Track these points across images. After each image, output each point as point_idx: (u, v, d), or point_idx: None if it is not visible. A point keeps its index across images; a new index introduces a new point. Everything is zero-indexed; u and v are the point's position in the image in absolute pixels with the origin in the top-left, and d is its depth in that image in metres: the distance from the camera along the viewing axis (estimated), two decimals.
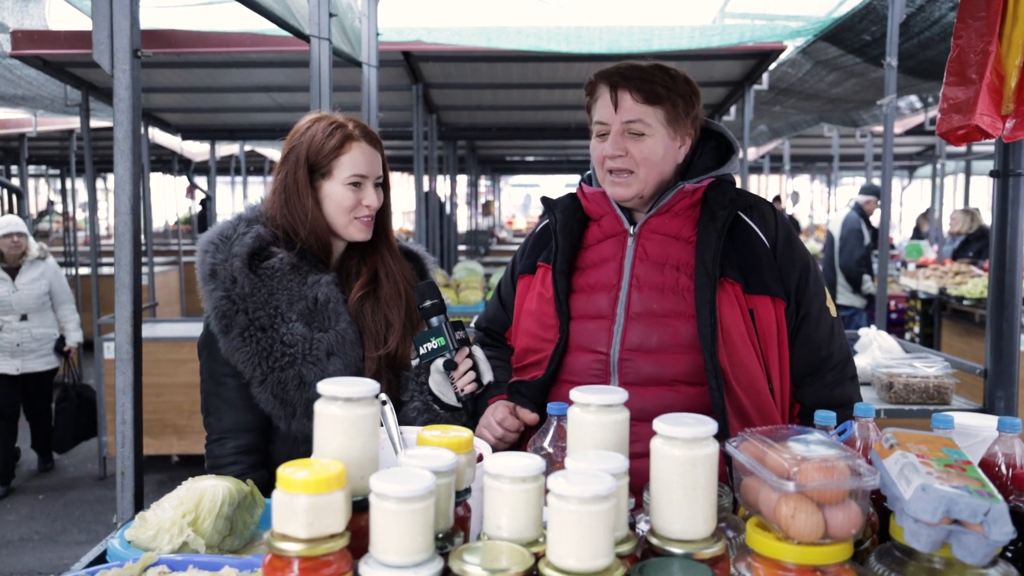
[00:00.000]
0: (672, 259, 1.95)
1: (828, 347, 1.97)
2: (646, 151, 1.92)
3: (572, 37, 5.78)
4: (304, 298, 2.01)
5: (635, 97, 1.91)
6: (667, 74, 1.94)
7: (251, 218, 2.06)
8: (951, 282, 7.73)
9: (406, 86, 7.04)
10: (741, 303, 1.90)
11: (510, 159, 17.89)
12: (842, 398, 1.96)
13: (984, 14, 2.20)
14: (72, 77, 6.54)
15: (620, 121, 1.92)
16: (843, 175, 20.42)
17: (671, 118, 1.93)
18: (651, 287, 1.94)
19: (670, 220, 1.97)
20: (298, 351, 1.97)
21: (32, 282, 6.33)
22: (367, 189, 2.05)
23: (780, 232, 1.98)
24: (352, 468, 1.16)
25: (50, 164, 17.95)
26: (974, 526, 1.08)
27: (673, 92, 1.92)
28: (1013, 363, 3.29)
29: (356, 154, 2.03)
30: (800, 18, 5.77)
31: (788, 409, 1.99)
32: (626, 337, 1.93)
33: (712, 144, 2.06)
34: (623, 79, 1.92)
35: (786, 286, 1.93)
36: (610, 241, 2.02)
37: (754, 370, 1.89)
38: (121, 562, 1.43)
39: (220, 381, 2.03)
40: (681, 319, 1.91)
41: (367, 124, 2.10)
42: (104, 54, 2.01)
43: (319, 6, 3.49)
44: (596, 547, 1.03)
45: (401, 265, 2.18)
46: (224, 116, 8.94)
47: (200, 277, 2.01)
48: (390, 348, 2.08)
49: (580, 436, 1.30)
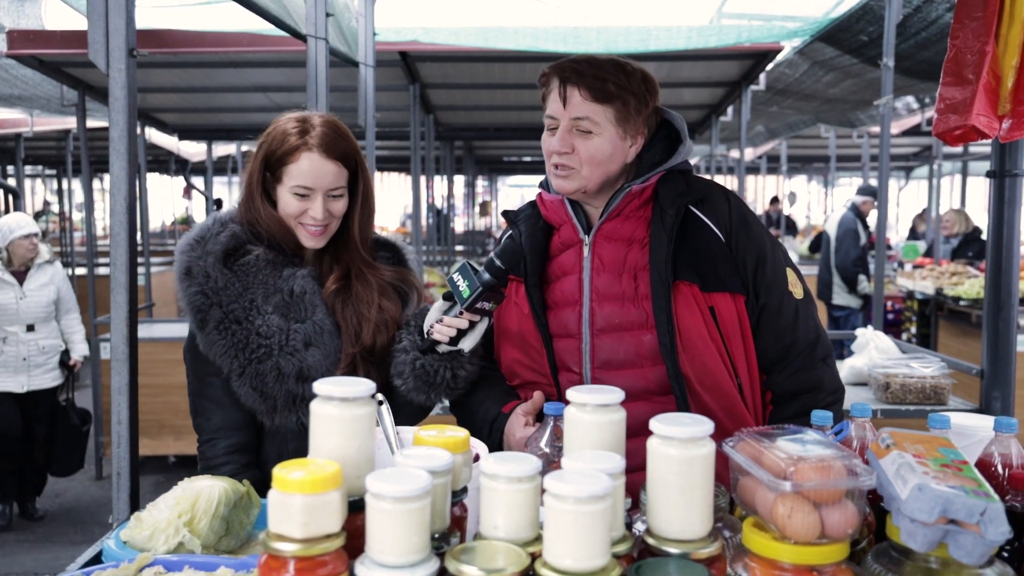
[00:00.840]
0: (629, 264, 1.93)
1: (793, 333, 1.93)
2: (592, 150, 1.88)
3: (569, 37, 5.78)
4: (280, 291, 2.00)
5: (584, 94, 1.86)
6: (622, 71, 1.89)
7: (226, 219, 2.06)
8: (947, 283, 7.74)
9: (403, 86, 7.03)
10: (700, 303, 1.88)
11: (507, 159, 17.88)
12: (812, 382, 1.94)
13: (981, 15, 2.20)
14: (68, 77, 6.53)
15: (569, 117, 1.88)
16: (840, 176, 20.43)
17: (621, 117, 1.89)
18: (611, 299, 1.92)
19: (622, 224, 1.95)
20: (274, 342, 1.97)
21: (40, 288, 5.64)
22: (314, 201, 1.98)
23: (734, 220, 1.95)
24: (348, 468, 1.16)
25: (46, 164, 17.93)
26: (970, 526, 1.08)
27: (625, 90, 1.88)
28: (1009, 364, 3.29)
29: (304, 165, 1.96)
30: (797, 19, 5.77)
31: (760, 400, 1.97)
32: (594, 355, 1.93)
33: (662, 135, 2.01)
34: (575, 74, 1.87)
35: (743, 277, 1.90)
36: (569, 252, 2.00)
37: (718, 372, 1.88)
38: (117, 562, 1.43)
39: (205, 381, 2.04)
40: (644, 330, 1.90)
41: (340, 132, 2.03)
42: (100, 54, 2.00)
43: (316, 6, 3.49)
44: (593, 547, 1.03)
45: (374, 270, 2.13)
46: (221, 116, 8.95)
47: (176, 276, 2.00)
48: (364, 343, 2.06)
49: (577, 436, 1.30)
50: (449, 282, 1.93)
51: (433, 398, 2.05)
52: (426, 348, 1.98)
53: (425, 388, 2.02)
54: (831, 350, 2.01)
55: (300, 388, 1.97)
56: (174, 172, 14.12)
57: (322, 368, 1.99)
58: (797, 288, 1.98)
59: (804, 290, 2.00)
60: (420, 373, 2.00)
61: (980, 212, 20.32)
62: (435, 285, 8.34)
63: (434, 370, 2.00)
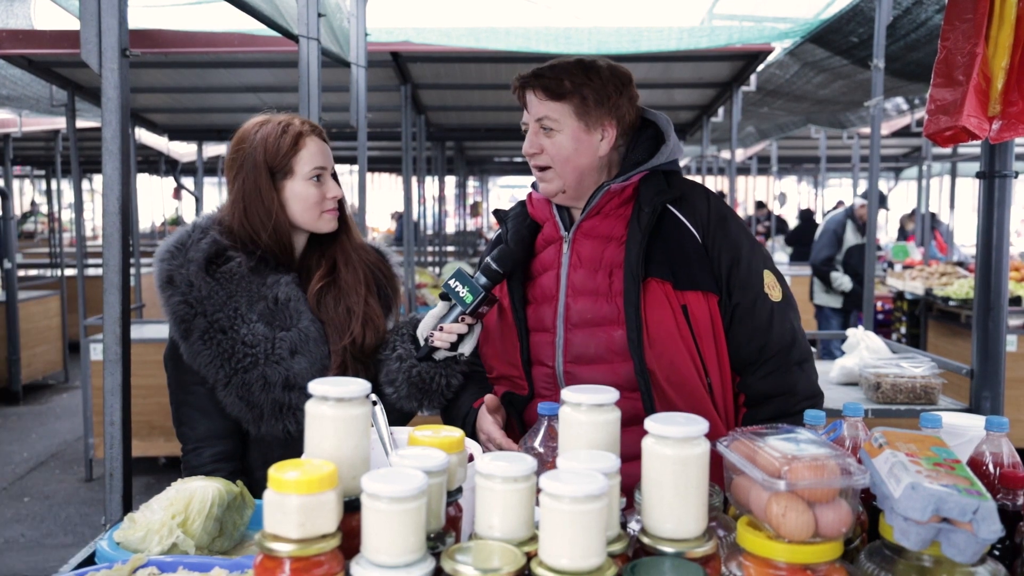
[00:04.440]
0: (605, 261, 1.95)
1: (766, 334, 1.92)
2: (557, 146, 1.95)
3: (561, 38, 5.79)
4: (264, 298, 2.01)
5: (539, 95, 1.95)
6: (582, 68, 1.95)
7: (205, 226, 2.06)
8: (937, 283, 7.78)
9: (394, 86, 7.02)
10: (672, 301, 1.89)
11: (498, 160, 17.88)
12: (784, 385, 1.93)
13: (971, 16, 2.22)
14: (58, 77, 6.50)
15: (533, 119, 1.97)
16: (830, 176, 20.49)
17: (580, 111, 1.94)
18: (586, 294, 1.95)
19: (601, 222, 1.98)
20: (260, 351, 1.97)
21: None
22: (328, 181, 2.08)
23: (712, 220, 1.96)
24: (344, 468, 1.16)
25: (35, 165, 17.81)
26: (963, 524, 1.08)
27: (583, 85, 1.93)
28: (999, 363, 3.31)
29: (313, 147, 2.05)
30: (788, 20, 5.79)
31: (732, 402, 1.96)
32: (567, 349, 1.95)
33: (648, 134, 2.03)
34: (533, 78, 1.96)
35: (716, 277, 1.91)
36: (550, 248, 2.04)
37: (686, 370, 1.88)
38: (110, 564, 1.43)
39: (189, 390, 2.03)
40: (615, 326, 1.92)
41: (309, 119, 2.14)
42: (92, 53, 1.99)
43: (308, 6, 3.48)
44: (589, 546, 1.04)
45: (362, 252, 2.18)
46: (211, 117, 8.90)
47: (157, 285, 2.01)
48: (355, 335, 2.07)
49: (572, 435, 1.30)
50: (447, 288, 1.95)
51: (425, 405, 2.06)
52: (424, 355, 2.00)
53: (419, 396, 2.03)
54: (809, 355, 1.99)
55: (287, 396, 1.98)
56: (164, 173, 14.06)
57: (308, 376, 1.99)
58: (775, 291, 1.97)
59: (784, 294, 1.99)
60: (416, 381, 2.02)
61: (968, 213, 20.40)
62: (427, 286, 8.34)
63: (429, 377, 2.02)
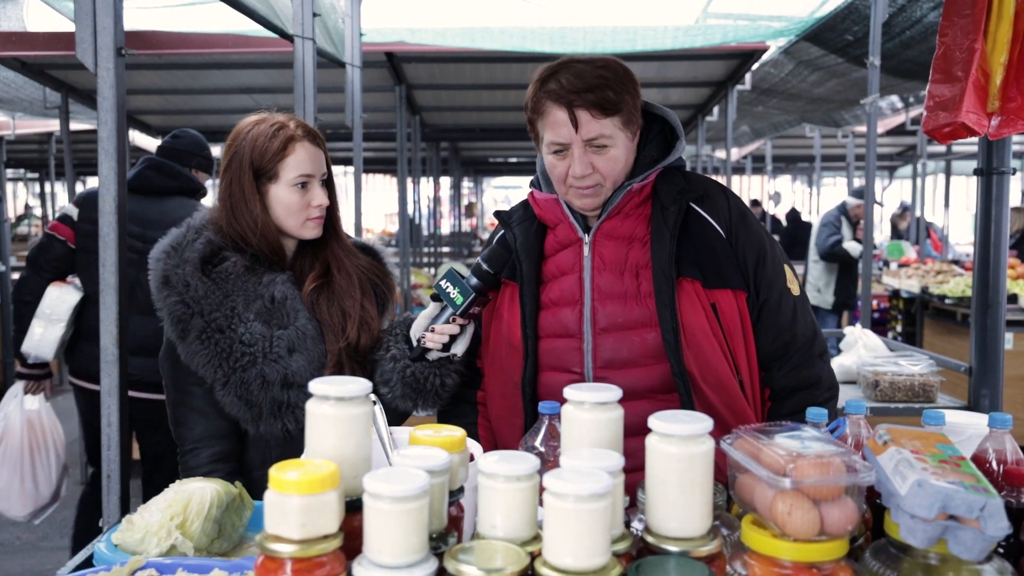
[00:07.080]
0: (630, 262, 1.91)
1: (791, 330, 1.94)
2: (612, 162, 1.85)
3: (556, 38, 5.79)
4: (260, 297, 2.00)
5: (593, 113, 1.80)
6: (608, 70, 1.83)
7: (199, 226, 2.05)
8: (933, 281, 7.78)
9: (389, 87, 7.02)
10: (702, 300, 1.87)
11: (493, 160, 17.89)
12: (810, 378, 1.95)
13: (969, 12, 2.21)
14: (51, 79, 6.49)
15: (581, 140, 1.81)
16: (825, 175, 20.53)
17: (626, 120, 1.85)
18: (614, 298, 1.91)
19: (622, 222, 1.92)
20: (258, 350, 1.96)
21: None
22: (314, 189, 2.04)
23: (734, 217, 1.95)
24: (345, 468, 1.15)
25: (28, 167, 17.79)
26: (970, 522, 1.08)
27: (623, 91, 1.83)
28: (997, 361, 3.30)
29: (301, 154, 2.01)
30: (783, 18, 5.80)
31: (760, 397, 1.97)
32: (596, 354, 1.91)
33: (656, 129, 1.99)
34: (576, 95, 1.79)
35: (744, 273, 1.91)
36: (567, 251, 1.97)
37: (721, 368, 1.88)
38: (108, 566, 1.42)
39: (186, 390, 2.02)
40: (648, 328, 1.89)
41: (307, 122, 2.11)
42: (88, 53, 1.98)
43: (303, 6, 3.47)
44: (593, 545, 1.03)
45: (354, 258, 2.17)
46: (205, 118, 8.89)
47: (153, 286, 1.99)
48: (350, 338, 2.06)
49: (575, 434, 1.29)
50: (438, 289, 1.93)
51: (420, 405, 2.04)
52: (417, 356, 1.99)
53: (413, 396, 2.02)
54: (827, 347, 2.03)
55: (285, 395, 1.97)
56: None
57: (306, 374, 1.98)
58: (794, 285, 1.98)
59: (801, 287, 2.01)
60: (410, 380, 2.01)
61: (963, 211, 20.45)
62: (422, 286, 8.33)
63: (424, 377, 2.01)
